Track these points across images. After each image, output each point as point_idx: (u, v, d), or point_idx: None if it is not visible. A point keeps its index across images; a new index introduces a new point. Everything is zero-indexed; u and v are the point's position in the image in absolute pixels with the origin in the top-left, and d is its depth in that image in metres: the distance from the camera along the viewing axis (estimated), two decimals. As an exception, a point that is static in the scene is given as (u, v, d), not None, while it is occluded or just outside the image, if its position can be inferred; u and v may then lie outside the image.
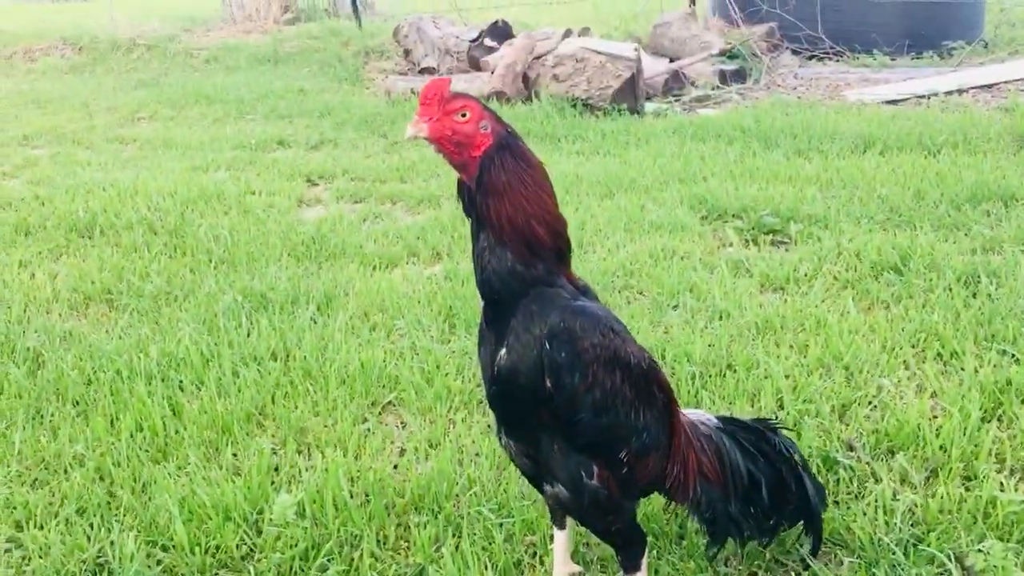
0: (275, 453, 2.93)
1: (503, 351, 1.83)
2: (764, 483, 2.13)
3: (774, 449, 2.18)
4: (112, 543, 2.51)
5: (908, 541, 2.37)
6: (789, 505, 2.19)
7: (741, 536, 2.17)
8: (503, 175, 1.79)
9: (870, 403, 3.08)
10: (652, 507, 2.54)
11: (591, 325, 1.80)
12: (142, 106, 9.82)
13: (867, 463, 2.73)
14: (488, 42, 9.99)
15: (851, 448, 2.81)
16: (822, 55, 11.00)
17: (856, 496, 2.61)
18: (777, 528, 2.24)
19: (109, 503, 2.70)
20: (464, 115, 1.78)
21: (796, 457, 2.21)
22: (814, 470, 2.68)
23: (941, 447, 2.76)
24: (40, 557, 2.47)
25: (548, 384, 1.80)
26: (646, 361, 1.92)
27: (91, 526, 2.59)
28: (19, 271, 4.72)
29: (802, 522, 2.26)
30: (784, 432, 2.27)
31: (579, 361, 1.79)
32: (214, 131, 8.47)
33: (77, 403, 3.30)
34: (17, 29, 15.27)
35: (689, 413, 2.15)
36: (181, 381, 3.42)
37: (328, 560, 2.40)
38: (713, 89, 9.16)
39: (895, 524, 2.44)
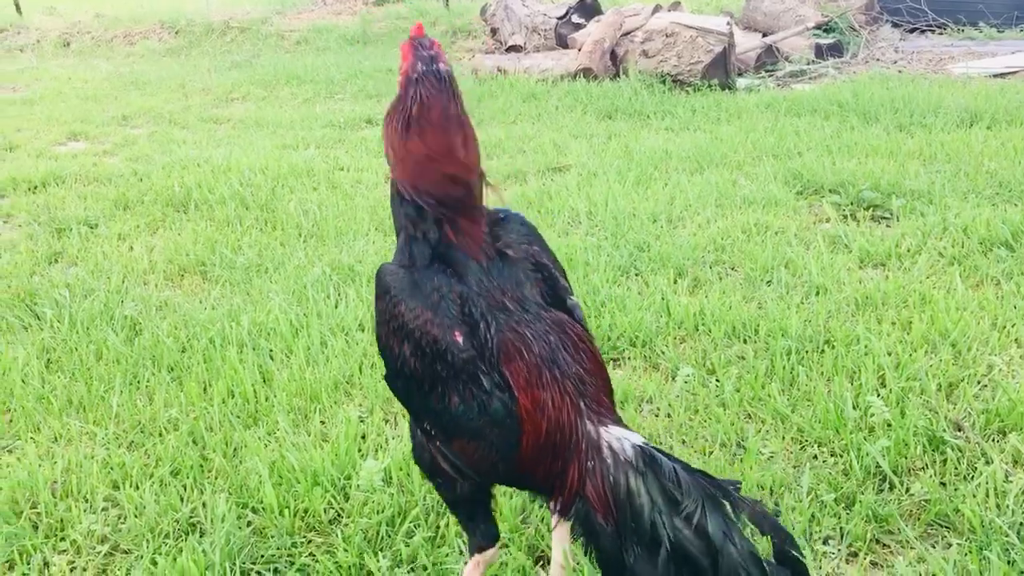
0: (362, 421, 2.93)
1: None
2: (663, 546, 1.60)
3: (689, 515, 1.58)
4: (204, 504, 2.54)
5: (1022, 524, 2.24)
6: None
7: None
8: (395, 104, 1.80)
9: (979, 382, 2.92)
10: (750, 488, 2.45)
11: (386, 290, 1.77)
12: (235, 87, 10.02)
13: (977, 443, 2.59)
14: (575, 19, 9.88)
15: (959, 428, 2.67)
16: (924, 28, 10.56)
17: (965, 477, 2.47)
18: None
19: (202, 466, 2.74)
20: (400, 55, 1.84)
21: (716, 534, 1.55)
22: (917, 450, 2.56)
23: (1058, 428, 2.60)
24: (135, 516, 2.51)
25: None
26: (467, 351, 1.72)
27: (184, 487, 2.63)
28: (118, 243, 4.84)
29: None
30: (749, 505, 1.58)
31: (377, 318, 1.81)
32: (304, 110, 8.59)
33: (172, 369, 3.36)
34: (117, 13, 15.75)
35: (607, 432, 1.72)
36: (271, 350, 3.45)
37: (415, 526, 2.38)
38: (808, 64, 8.89)
39: (1008, 506, 2.30)
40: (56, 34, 14.84)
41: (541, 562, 2.29)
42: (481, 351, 1.74)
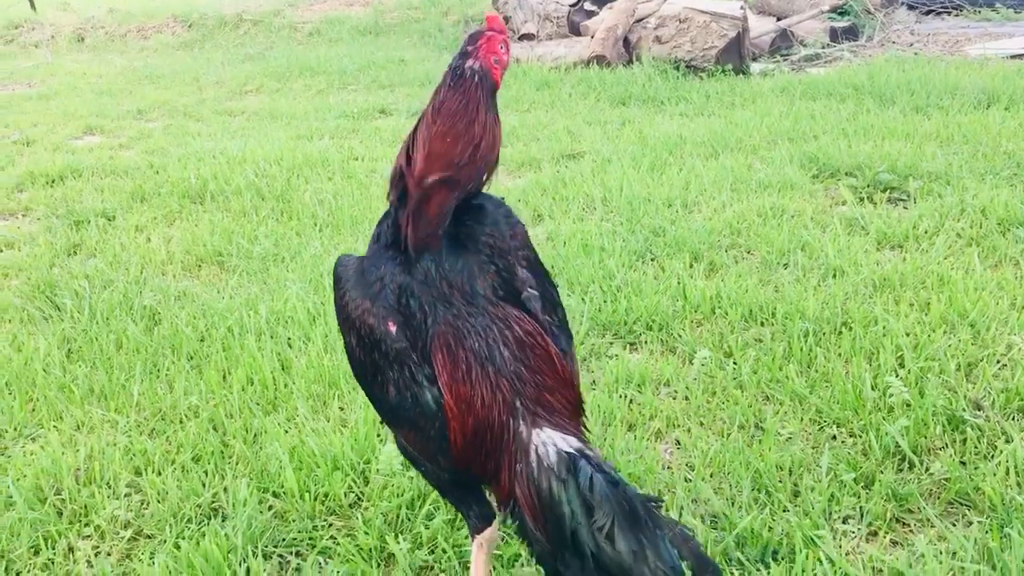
0: (381, 406, 2.94)
1: None
2: (586, 558, 1.55)
3: (600, 528, 1.52)
4: (226, 489, 2.56)
5: (1044, 502, 2.23)
6: None
7: None
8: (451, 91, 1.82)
9: (998, 361, 2.91)
10: (764, 463, 2.46)
11: (336, 279, 1.85)
12: (249, 79, 10.04)
13: (997, 422, 2.58)
14: (588, 6, 9.84)
15: (979, 407, 2.66)
16: (940, 10, 10.47)
17: (985, 456, 2.47)
18: None
19: (223, 452, 2.76)
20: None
21: (625, 553, 1.48)
22: (936, 430, 2.55)
23: (1079, 407, 2.58)
24: (158, 501, 2.54)
25: None
26: (400, 342, 1.74)
27: (206, 473, 2.65)
28: (136, 235, 4.88)
29: None
30: (670, 527, 1.52)
31: (334, 307, 1.88)
32: (318, 101, 8.60)
33: (191, 358, 3.39)
34: (131, 8, 15.80)
35: (538, 434, 1.66)
36: (289, 338, 3.47)
37: (434, 509, 2.40)
38: (823, 47, 8.83)
39: (1029, 485, 2.30)
40: (70, 30, 14.91)
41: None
42: (414, 343, 1.74)
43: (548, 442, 1.65)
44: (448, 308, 1.75)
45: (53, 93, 10.03)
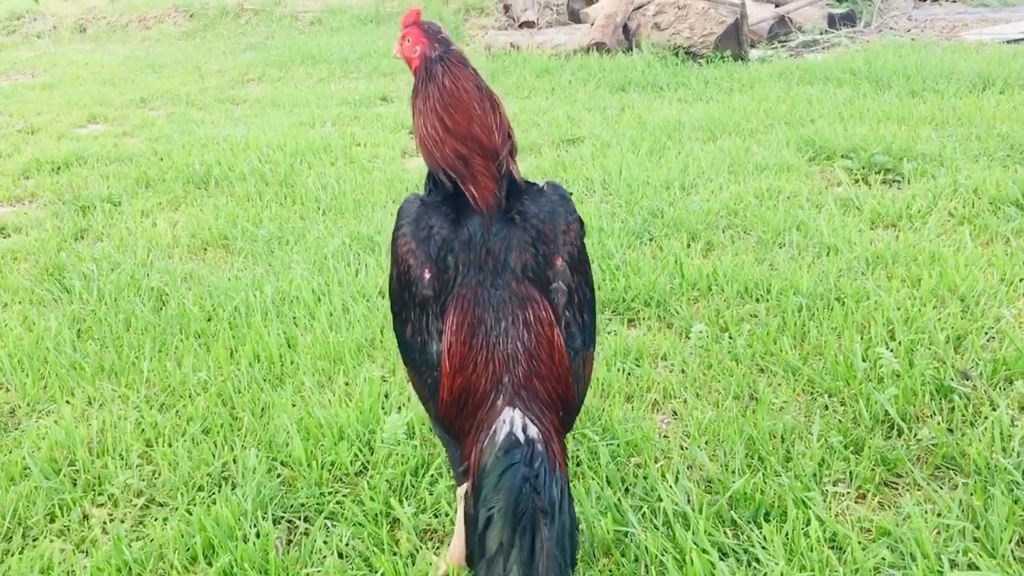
0: (385, 380, 3.02)
1: None
2: (474, 537, 1.65)
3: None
4: (235, 459, 2.64)
5: (1027, 465, 2.30)
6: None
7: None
8: (415, 92, 1.95)
9: (987, 333, 2.98)
10: (757, 431, 2.53)
11: (399, 214, 1.91)
12: (251, 68, 10.10)
13: (984, 391, 2.65)
14: (587, -6, 9.89)
15: (966, 377, 2.73)
16: (938, -4, 10.51)
17: (971, 423, 2.54)
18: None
19: (231, 424, 2.83)
20: (408, 40, 1.98)
21: (490, 547, 1.58)
22: (925, 398, 2.63)
23: (1064, 376, 2.65)
24: (170, 471, 2.62)
25: None
26: (428, 290, 1.83)
27: (215, 444, 2.73)
28: (141, 220, 4.95)
29: None
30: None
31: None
32: (319, 89, 8.66)
33: (199, 336, 3.46)
34: (132, -1, 15.85)
35: (506, 412, 1.74)
36: (295, 316, 3.55)
37: (438, 475, 2.47)
38: (821, 34, 8.88)
39: (1013, 448, 2.37)
40: (72, 20, 14.96)
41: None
42: (438, 295, 1.82)
43: (509, 422, 1.71)
44: (478, 273, 1.82)
45: (56, 83, 10.09)
